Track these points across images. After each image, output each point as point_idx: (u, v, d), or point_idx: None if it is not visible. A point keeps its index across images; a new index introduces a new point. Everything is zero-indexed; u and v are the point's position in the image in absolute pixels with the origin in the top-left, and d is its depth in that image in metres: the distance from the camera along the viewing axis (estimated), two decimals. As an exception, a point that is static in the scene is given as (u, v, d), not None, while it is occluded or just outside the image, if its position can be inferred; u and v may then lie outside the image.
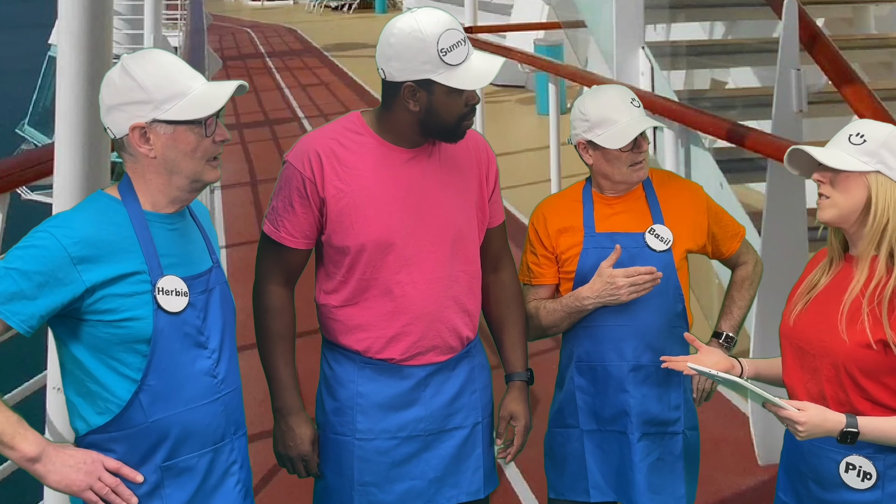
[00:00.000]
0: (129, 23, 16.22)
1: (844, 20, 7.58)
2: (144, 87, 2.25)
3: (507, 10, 16.67)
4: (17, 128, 19.38)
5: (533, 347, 2.85)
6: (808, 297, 2.49)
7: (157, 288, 2.26)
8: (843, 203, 2.37)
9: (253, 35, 29.04)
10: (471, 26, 10.40)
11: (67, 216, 2.30)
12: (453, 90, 2.56)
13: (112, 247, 2.24)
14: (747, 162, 5.39)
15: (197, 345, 2.33)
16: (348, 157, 2.66)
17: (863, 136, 2.36)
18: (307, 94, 16.93)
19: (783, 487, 2.59)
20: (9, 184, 3.62)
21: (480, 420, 2.83)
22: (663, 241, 2.93)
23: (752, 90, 7.17)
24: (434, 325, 2.71)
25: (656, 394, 2.96)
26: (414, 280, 2.67)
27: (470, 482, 2.80)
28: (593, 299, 2.88)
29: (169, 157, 2.27)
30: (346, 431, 2.75)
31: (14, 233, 3.83)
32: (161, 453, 2.29)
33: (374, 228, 2.64)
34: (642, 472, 2.94)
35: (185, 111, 2.25)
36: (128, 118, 2.26)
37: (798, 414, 2.32)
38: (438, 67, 2.55)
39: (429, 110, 2.59)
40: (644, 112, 2.95)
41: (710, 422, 4.94)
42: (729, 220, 3.10)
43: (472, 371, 2.82)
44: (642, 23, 6.27)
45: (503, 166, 3.00)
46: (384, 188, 2.65)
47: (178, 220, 2.36)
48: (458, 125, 2.62)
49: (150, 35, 8.58)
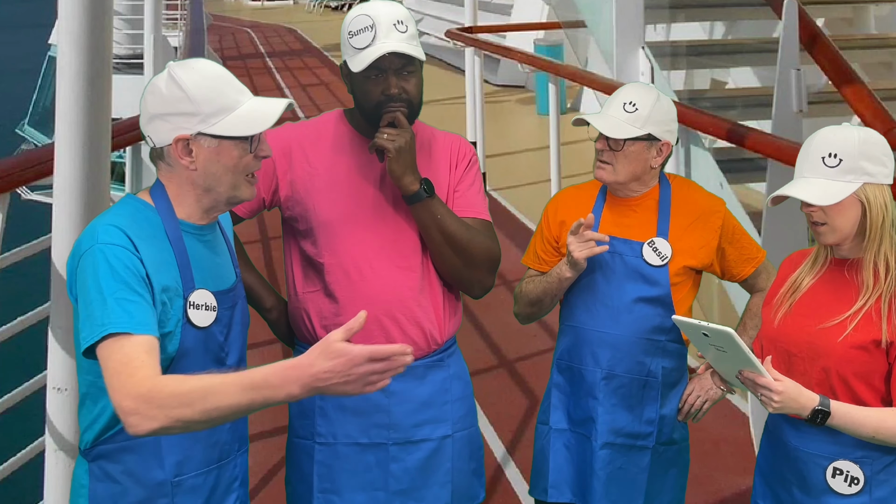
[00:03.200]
0: (129, 23, 16.25)
1: (844, 20, 7.58)
2: (193, 98, 2.17)
3: (507, 10, 16.66)
4: (17, 128, 19.40)
5: (533, 347, 2.84)
6: (791, 298, 2.48)
7: (188, 302, 2.20)
8: (841, 225, 2.37)
9: (253, 35, 29.02)
10: (471, 26, 10.41)
11: (107, 224, 2.18)
12: (365, 77, 2.59)
13: (152, 257, 2.17)
14: (747, 162, 5.38)
15: (217, 361, 2.27)
16: (321, 143, 2.70)
17: (836, 156, 2.35)
18: (307, 94, 16.91)
19: (762, 494, 2.57)
20: (9, 184, 3.62)
21: (451, 433, 2.75)
22: (660, 256, 2.87)
23: (752, 90, 7.16)
24: (392, 313, 2.64)
25: (627, 405, 2.91)
26: (373, 266, 2.65)
27: (436, 497, 2.72)
28: (565, 264, 2.85)
29: (210, 171, 2.21)
30: (307, 435, 2.71)
31: (14, 233, 3.83)
32: (170, 468, 2.24)
33: (336, 209, 2.65)
34: (601, 480, 2.90)
35: (235, 127, 2.19)
36: (172, 129, 2.18)
37: (775, 383, 2.30)
38: (348, 50, 2.62)
39: (354, 94, 2.66)
40: (631, 120, 2.83)
41: (710, 422, 4.93)
42: (748, 242, 3.00)
43: (444, 381, 2.75)
44: (642, 23, 6.26)
45: (503, 166, 3.00)
46: (349, 174, 2.67)
47: (209, 233, 2.31)
48: (376, 113, 2.61)
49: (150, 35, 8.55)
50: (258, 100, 2.25)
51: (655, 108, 2.85)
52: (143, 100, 2.23)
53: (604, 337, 2.89)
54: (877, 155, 2.37)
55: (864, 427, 2.33)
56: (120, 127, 4.04)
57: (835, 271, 2.44)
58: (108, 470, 2.24)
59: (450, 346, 2.79)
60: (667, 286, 2.87)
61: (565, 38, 11.26)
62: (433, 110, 13.24)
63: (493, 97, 14.10)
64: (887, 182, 2.38)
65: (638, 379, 2.90)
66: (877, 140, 2.40)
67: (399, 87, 2.60)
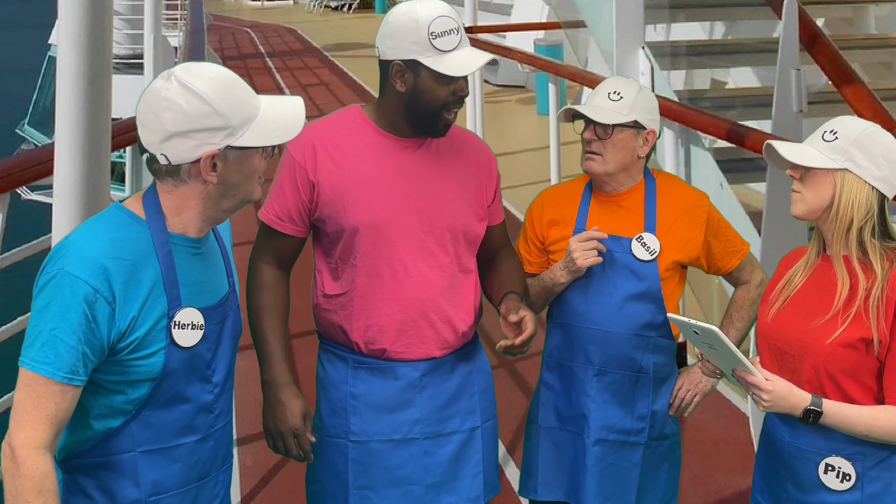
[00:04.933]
0: (129, 23, 16.25)
1: (844, 20, 7.58)
2: (220, 111, 2.06)
3: (507, 10, 16.67)
4: (17, 128, 19.40)
5: (533, 347, 2.82)
6: (785, 296, 2.49)
7: (173, 322, 2.13)
8: (810, 199, 2.38)
9: (253, 35, 29.02)
10: (471, 26, 10.41)
11: (83, 248, 2.07)
12: (440, 76, 2.58)
13: (134, 278, 2.08)
14: (747, 162, 5.39)
15: (202, 379, 2.21)
16: (344, 143, 2.68)
17: (835, 133, 2.36)
18: (307, 94, 16.90)
19: (760, 490, 2.58)
20: (9, 184, 3.63)
21: (479, 424, 2.79)
22: (649, 251, 2.88)
23: (752, 90, 7.16)
24: (426, 313, 2.68)
25: (619, 401, 2.91)
26: (406, 267, 2.66)
27: (469, 488, 2.76)
28: (561, 269, 2.86)
29: (229, 182, 2.12)
30: (339, 434, 2.73)
31: (14, 233, 3.84)
32: (146, 487, 2.17)
33: (367, 211, 2.64)
34: (594, 476, 2.90)
35: (264, 136, 2.10)
36: (197, 146, 2.06)
37: (765, 382, 2.32)
38: (427, 50, 2.58)
39: (413, 93, 2.61)
40: (618, 108, 2.87)
41: (710, 422, 4.94)
42: (732, 235, 3.01)
43: (470, 374, 2.80)
44: (642, 23, 6.26)
45: (503, 166, 3.00)
46: (378, 174, 2.66)
47: (202, 244, 2.22)
48: (440, 114, 2.63)
49: (150, 35, 8.57)
50: (271, 100, 2.18)
51: (639, 97, 2.90)
52: (154, 116, 2.07)
53: (595, 334, 2.90)
54: (874, 151, 2.34)
55: (857, 425, 2.34)
56: (120, 127, 4.04)
57: (825, 268, 2.45)
58: (82, 484, 2.18)
59: (475, 339, 2.83)
60: (656, 281, 2.88)
61: (565, 38, 11.26)
62: (433, 110, 13.28)
63: (493, 97, 14.11)
64: (874, 182, 2.35)
65: (630, 375, 2.91)
66: (883, 141, 2.36)
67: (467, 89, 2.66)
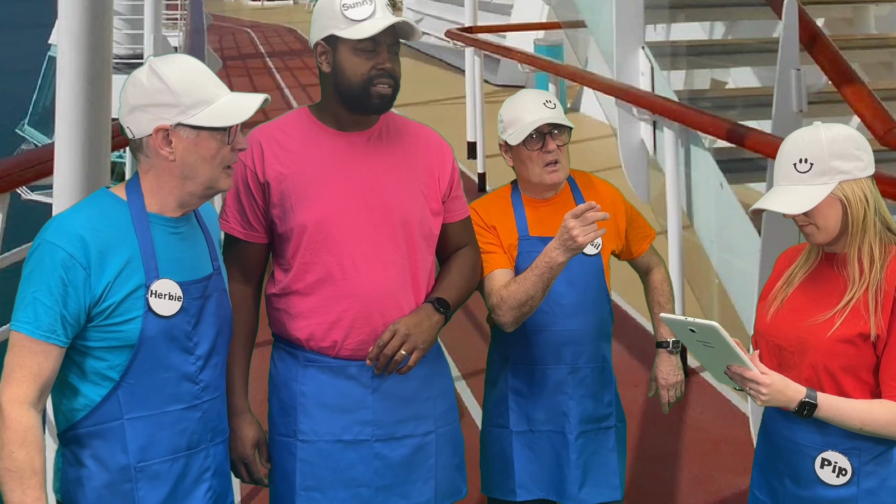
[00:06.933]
0: (129, 23, 16.25)
1: (844, 20, 7.58)
2: (173, 90, 2.26)
3: (507, 10, 16.68)
4: (17, 128, 19.39)
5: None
6: (784, 294, 2.50)
7: (150, 290, 2.27)
8: (826, 225, 2.39)
9: (253, 35, 29.05)
10: (471, 26, 10.42)
11: (64, 220, 2.29)
12: (357, 50, 2.55)
13: (110, 249, 2.24)
14: (747, 162, 5.38)
15: (183, 350, 2.33)
16: (290, 142, 2.67)
17: (807, 161, 2.35)
18: (307, 94, 16.91)
19: (758, 485, 2.60)
20: (9, 184, 3.63)
21: (434, 430, 2.74)
22: (594, 244, 2.93)
23: (752, 90, 7.17)
24: (378, 310, 2.62)
25: (592, 393, 3.01)
26: (356, 263, 2.62)
27: (420, 493, 2.70)
28: (558, 249, 2.73)
29: (188, 162, 2.29)
30: (289, 433, 2.68)
31: (14, 233, 3.84)
32: (134, 454, 2.29)
33: (314, 208, 2.62)
34: (579, 468, 2.97)
35: (214, 118, 2.27)
36: (152, 119, 2.26)
37: (762, 377, 2.34)
38: (340, 22, 2.57)
39: (336, 71, 2.60)
40: (559, 113, 2.90)
41: (710, 422, 4.95)
42: (641, 221, 3.13)
43: (427, 376, 2.73)
44: (642, 23, 6.26)
45: (503, 166, 3.00)
46: (324, 170, 2.64)
47: (182, 224, 2.36)
48: (367, 89, 2.58)
49: (150, 35, 8.58)
50: (236, 94, 2.34)
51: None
52: (123, 92, 2.30)
53: (563, 334, 2.96)
54: (848, 151, 2.36)
55: (852, 419, 2.36)
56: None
57: (825, 266, 2.46)
58: (77, 454, 2.31)
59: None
60: (602, 273, 2.98)
61: (565, 38, 11.25)
62: (433, 110, 13.26)
63: (493, 97, 14.09)
64: (864, 175, 2.37)
65: (596, 366, 3.02)
66: (847, 135, 2.38)
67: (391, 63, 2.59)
